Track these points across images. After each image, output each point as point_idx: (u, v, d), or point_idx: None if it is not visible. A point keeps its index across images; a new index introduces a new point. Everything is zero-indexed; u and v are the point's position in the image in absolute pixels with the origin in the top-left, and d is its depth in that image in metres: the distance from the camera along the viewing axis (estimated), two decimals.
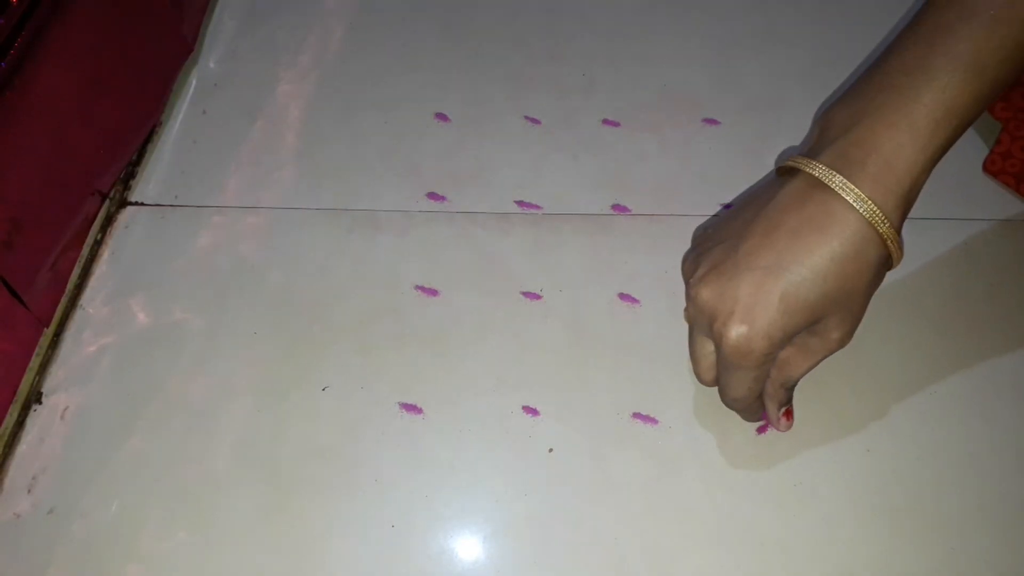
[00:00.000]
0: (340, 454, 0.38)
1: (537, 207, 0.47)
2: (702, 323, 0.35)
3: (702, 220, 0.46)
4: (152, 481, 0.38)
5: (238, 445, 0.38)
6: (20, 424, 0.39)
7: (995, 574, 0.35)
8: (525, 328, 0.42)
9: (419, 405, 0.40)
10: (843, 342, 0.34)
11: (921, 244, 0.45)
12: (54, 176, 0.41)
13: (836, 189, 0.32)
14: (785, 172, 0.35)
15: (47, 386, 0.40)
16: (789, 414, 0.37)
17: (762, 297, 0.32)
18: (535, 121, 0.51)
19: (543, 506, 0.37)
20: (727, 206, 0.47)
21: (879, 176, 0.32)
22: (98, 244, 0.45)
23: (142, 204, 0.47)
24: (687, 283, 0.37)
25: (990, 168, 0.47)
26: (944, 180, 0.48)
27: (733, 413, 0.38)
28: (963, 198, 0.47)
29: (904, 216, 0.33)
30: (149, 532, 0.36)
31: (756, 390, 0.35)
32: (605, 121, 0.51)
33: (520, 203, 0.47)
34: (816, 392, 0.40)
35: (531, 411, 0.40)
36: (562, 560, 0.36)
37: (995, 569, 0.35)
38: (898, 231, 0.33)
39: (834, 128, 0.34)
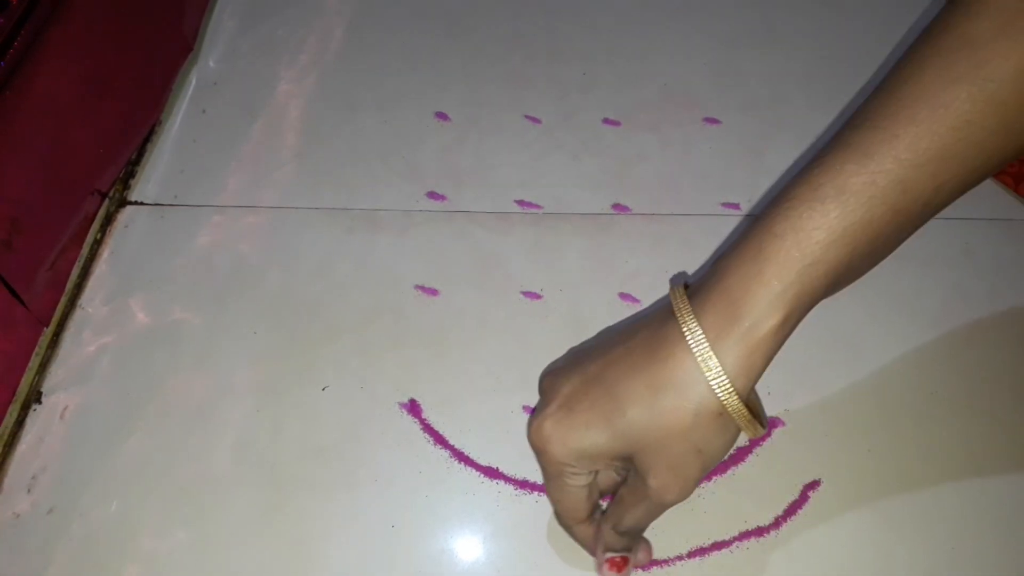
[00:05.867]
0: (340, 454, 0.38)
1: (537, 206, 0.47)
2: None
3: (703, 219, 0.46)
4: (152, 481, 0.37)
5: (238, 445, 0.38)
6: (20, 424, 0.39)
7: (995, 574, 0.35)
8: (525, 328, 0.42)
9: (419, 404, 0.40)
10: (662, 494, 0.29)
11: (921, 244, 0.45)
12: (54, 175, 0.41)
13: (675, 312, 0.29)
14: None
15: (46, 386, 0.40)
16: (614, 564, 0.32)
17: (574, 400, 0.30)
18: (535, 120, 0.51)
19: (543, 506, 0.37)
20: (728, 205, 0.47)
21: (721, 308, 0.28)
22: (97, 243, 0.45)
23: (142, 203, 0.47)
24: None
25: None
26: None
27: None
28: (963, 198, 0.47)
29: (750, 364, 0.27)
30: (148, 532, 0.36)
31: (574, 512, 0.32)
32: (605, 120, 0.51)
33: (520, 202, 0.47)
34: (816, 392, 0.40)
35: (531, 411, 0.39)
36: (562, 560, 0.36)
37: (995, 569, 0.35)
38: (739, 382, 0.27)
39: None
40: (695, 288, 0.29)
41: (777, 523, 0.36)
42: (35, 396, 0.40)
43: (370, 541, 0.36)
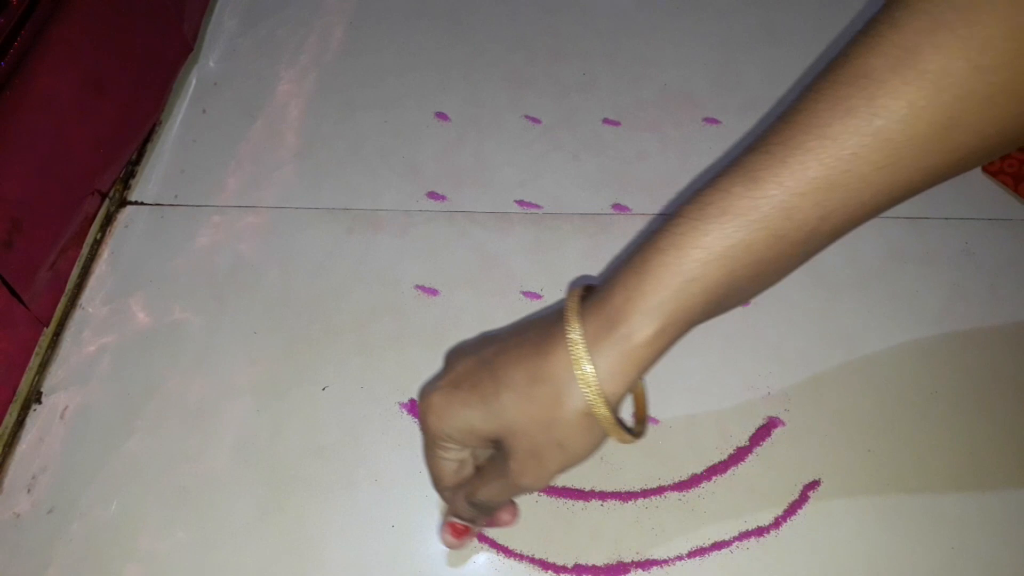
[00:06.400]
0: (340, 454, 0.38)
1: (537, 206, 0.47)
2: None
3: None
4: (152, 481, 0.38)
5: (238, 445, 0.38)
6: (20, 424, 0.39)
7: (995, 574, 0.35)
8: None
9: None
10: (518, 477, 0.30)
11: (921, 244, 0.45)
12: (54, 175, 0.41)
13: (565, 312, 0.29)
14: None
15: (47, 386, 0.40)
16: (455, 529, 0.34)
17: (462, 379, 0.31)
18: (535, 120, 0.51)
19: (543, 505, 0.37)
20: None
21: (603, 315, 0.28)
22: (98, 243, 0.45)
23: (142, 203, 0.47)
24: None
25: (989, 168, 0.47)
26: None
27: (731, 415, 0.38)
28: (963, 198, 0.47)
29: (623, 371, 0.28)
30: (148, 532, 0.36)
31: (440, 479, 0.33)
32: (605, 120, 0.51)
33: (520, 202, 0.47)
34: (817, 392, 0.40)
35: None
36: (562, 560, 0.36)
37: (995, 569, 0.35)
38: (609, 386, 0.28)
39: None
40: (591, 293, 0.30)
41: (777, 523, 0.36)
42: (35, 396, 0.40)
43: (370, 541, 0.36)
